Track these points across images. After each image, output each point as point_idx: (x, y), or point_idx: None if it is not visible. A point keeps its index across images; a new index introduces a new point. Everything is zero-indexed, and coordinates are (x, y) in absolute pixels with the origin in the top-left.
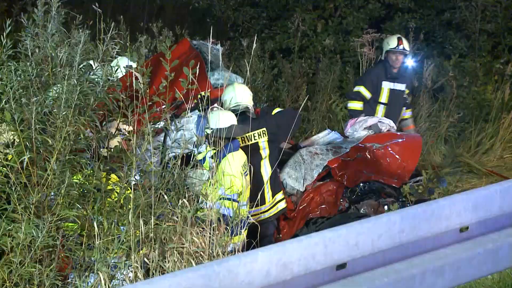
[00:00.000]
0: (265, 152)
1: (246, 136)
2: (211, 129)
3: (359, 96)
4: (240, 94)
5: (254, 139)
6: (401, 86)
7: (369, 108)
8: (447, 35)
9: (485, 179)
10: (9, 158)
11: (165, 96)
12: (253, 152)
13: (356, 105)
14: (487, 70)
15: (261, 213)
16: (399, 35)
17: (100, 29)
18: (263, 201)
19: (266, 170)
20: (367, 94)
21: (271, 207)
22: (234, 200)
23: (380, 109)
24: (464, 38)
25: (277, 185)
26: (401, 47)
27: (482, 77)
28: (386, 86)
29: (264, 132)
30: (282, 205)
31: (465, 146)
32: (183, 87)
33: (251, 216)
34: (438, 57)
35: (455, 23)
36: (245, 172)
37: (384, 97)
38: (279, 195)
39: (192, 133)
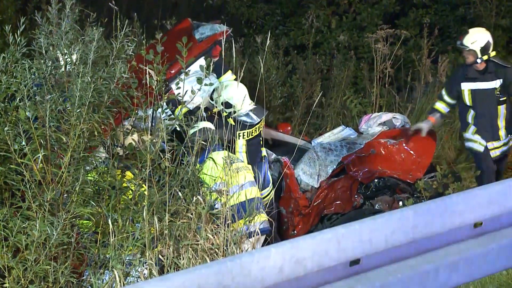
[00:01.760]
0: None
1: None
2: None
3: (441, 98)
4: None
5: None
6: (486, 85)
7: (460, 111)
8: (461, 30)
9: None
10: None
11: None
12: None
13: (438, 104)
14: None
15: None
16: (469, 29)
17: (114, 26)
18: None
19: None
20: (447, 98)
21: None
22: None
23: (471, 112)
24: None
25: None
26: (458, 42)
27: None
28: (466, 87)
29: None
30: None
31: None
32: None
33: None
34: (453, 53)
35: (470, 18)
36: (231, 161)
37: (467, 99)
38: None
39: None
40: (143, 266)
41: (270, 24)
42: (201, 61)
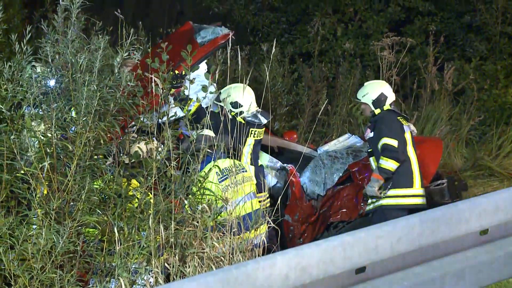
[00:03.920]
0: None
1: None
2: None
3: None
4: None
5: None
6: (370, 134)
7: None
8: (467, 38)
9: (506, 183)
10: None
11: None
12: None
13: None
14: (508, 72)
15: None
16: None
17: (120, 35)
18: None
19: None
20: None
21: None
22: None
23: None
24: (484, 41)
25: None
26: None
27: (503, 79)
28: None
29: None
30: None
31: (486, 149)
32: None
33: None
34: (458, 60)
35: (476, 26)
36: (222, 178)
37: None
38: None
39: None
40: (149, 274)
41: (275, 32)
42: (203, 65)
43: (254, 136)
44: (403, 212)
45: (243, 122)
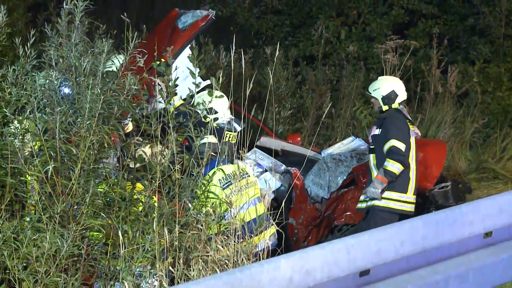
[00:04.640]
0: None
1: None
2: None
3: None
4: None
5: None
6: (375, 131)
7: None
8: (471, 40)
9: (510, 185)
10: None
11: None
12: None
13: None
14: None
15: None
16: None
17: (124, 38)
18: None
19: None
20: None
21: None
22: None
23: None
24: (488, 44)
25: None
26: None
27: (507, 82)
28: None
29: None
30: None
31: (490, 152)
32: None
33: None
34: (462, 63)
35: (479, 28)
36: (225, 184)
37: None
38: None
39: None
40: (154, 277)
41: (279, 35)
42: (187, 51)
43: (229, 140)
44: (394, 216)
45: (217, 127)
